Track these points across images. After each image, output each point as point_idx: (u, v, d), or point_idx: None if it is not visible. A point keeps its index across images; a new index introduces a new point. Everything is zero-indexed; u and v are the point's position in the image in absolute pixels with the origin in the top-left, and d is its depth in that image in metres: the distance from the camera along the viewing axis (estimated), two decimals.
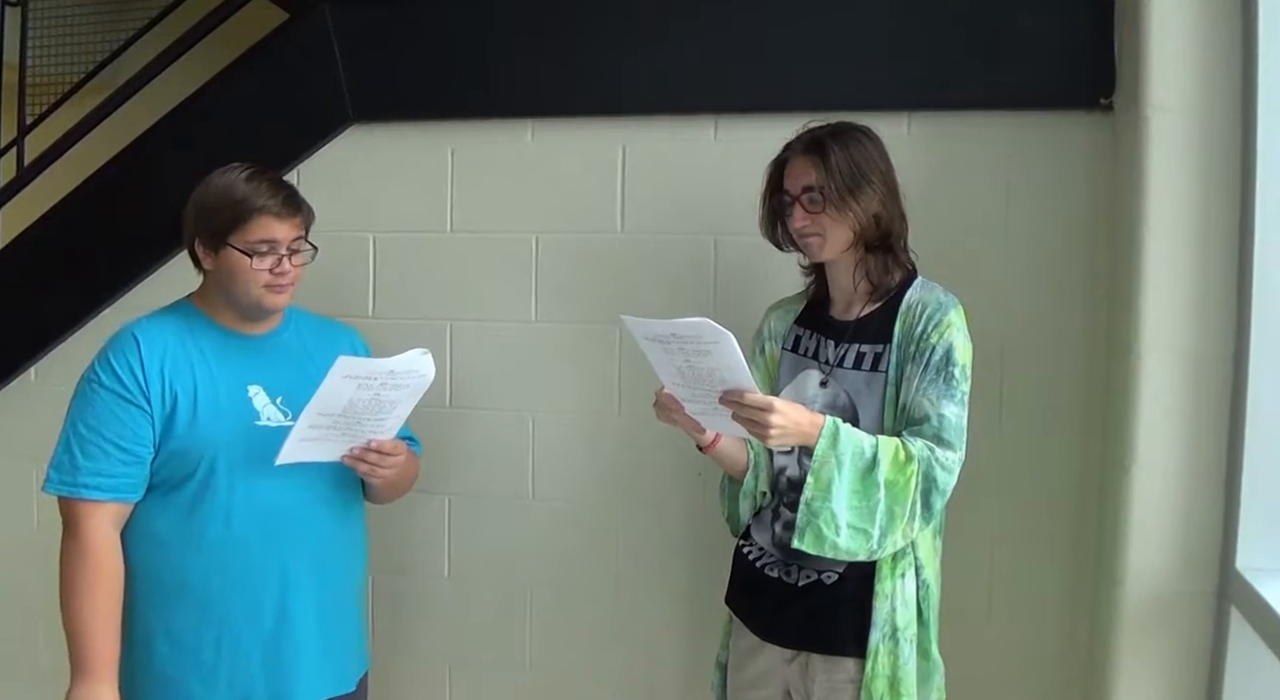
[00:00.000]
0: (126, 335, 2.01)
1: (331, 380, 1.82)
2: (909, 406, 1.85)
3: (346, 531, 2.16)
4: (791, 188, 1.96)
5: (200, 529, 1.97)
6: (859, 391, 1.93)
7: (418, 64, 2.61)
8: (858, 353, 1.95)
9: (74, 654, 1.91)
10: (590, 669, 2.64)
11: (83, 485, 1.92)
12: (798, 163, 1.96)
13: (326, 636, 2.07)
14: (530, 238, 2.60)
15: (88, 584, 1.91)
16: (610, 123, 2.54)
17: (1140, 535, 2.04)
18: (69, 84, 3.34)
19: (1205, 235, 1.99)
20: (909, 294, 1.94)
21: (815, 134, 1.95)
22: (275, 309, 2.07)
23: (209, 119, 2.77)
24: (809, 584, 1.95)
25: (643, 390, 2.52)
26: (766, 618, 2.01)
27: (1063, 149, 2.31)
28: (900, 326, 1.91)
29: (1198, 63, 1.99)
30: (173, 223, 2.71)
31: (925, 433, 1.82)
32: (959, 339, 1.86)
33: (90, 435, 1.93)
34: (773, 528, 2.04)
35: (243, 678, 2.00)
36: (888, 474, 1.79)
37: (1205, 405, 2.00)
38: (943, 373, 1.84)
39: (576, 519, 2.62)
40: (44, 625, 2.93)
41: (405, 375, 1.90)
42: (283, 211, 2.00)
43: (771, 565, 2.02)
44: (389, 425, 1.97)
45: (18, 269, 2.93)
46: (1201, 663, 2.01)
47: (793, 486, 1.98)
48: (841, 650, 1.90)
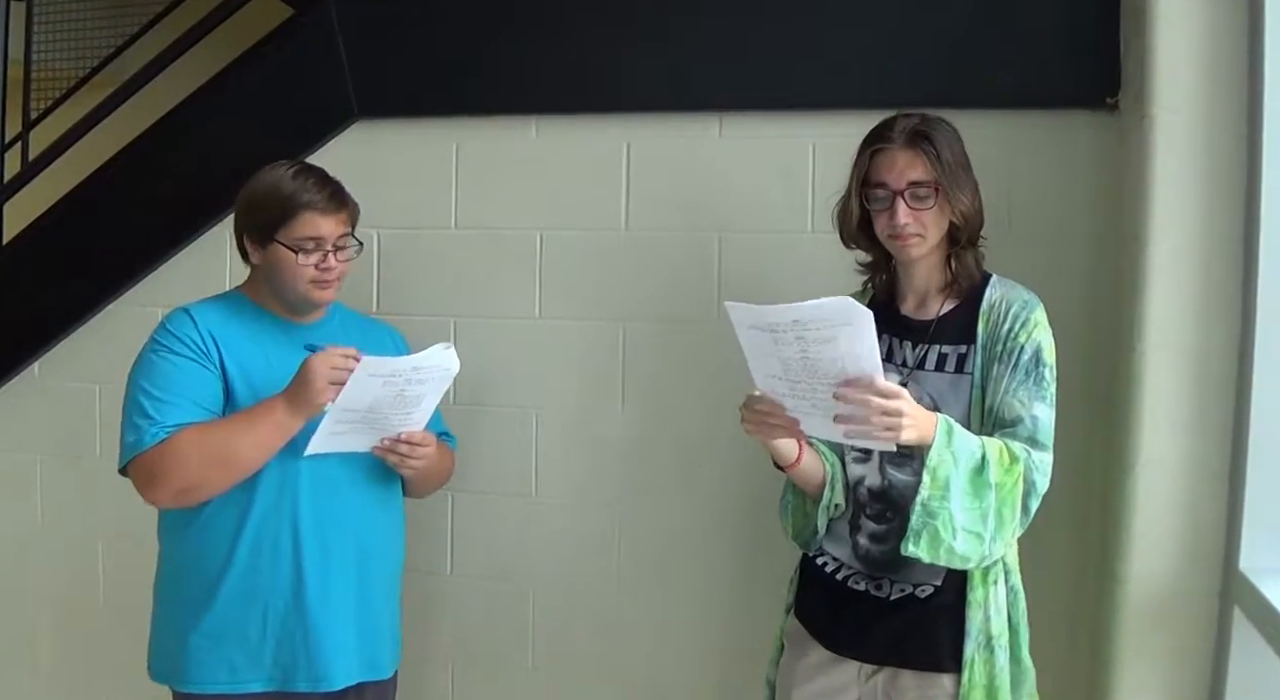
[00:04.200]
0: (180, 312, 2.06)
1: (357, 379, 1.86)
2: (999, 408, 1.79)
3: (388, 517, 2.21)
4: (894, 182, 1.83)
5: (250, 509, 2.00)
6: (942, 394, 1.85)
7: (422, 60, 2.61)
8: (939, 354, 1.88)
9: (259, 414, 1.95)
10: (593, 667, 2.64)
11: (163, 431, 1.92)
12: (899, 156, 1.83)
13: (363, 619, 2.11)
14: (535, 234, 2.60)
15: (195, 445, 1.91)
16: (615, 119, 2.54)
17: (1143, 535, 2.03)
18: (74, 79, 3.35)
19: (1210, 234, 1.99)
20: (989, 292, 1.88)
21: (915, 126, 1.84)
22: (321, 304, 2.12)
23: (213, 115, 2.77)
24: (902, 598, 1.87)
25: (647, 387, 2.55)
26: (849, 632, 1.92)
27: (1068, 148, 2.30)
28: (984, 326, 1.85)
29: (1203, 62, 1.99)
30: (177, 218, 2.75)
31: (1019, 435, 1.77)
32: (1046, 338, 1.82)
33: (164, 393, 1.95)
34: (853, 540, 1.95)
35: (288, 656, 2.03)
36: (997, 475, 1.71)
37: (1209, 404, 2.00)
38: (1033, 373, 1.79)
39: (580, 516, 2.62)
40: (48, 622, 2.96)
41: (429, 370, 1.95)
42: (328, 207, 2.04)
43: (856, 578, 1.93)
44: (416, 418, 2.02)
45: (22, 264, 2.93)
46: (1204, 663, 2.01)
47: (874, 497, 1.92)
48: (938, 665, 1.83)
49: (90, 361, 2.81)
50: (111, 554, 2.87)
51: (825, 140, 2.36)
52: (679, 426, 2.53)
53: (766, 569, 2.31)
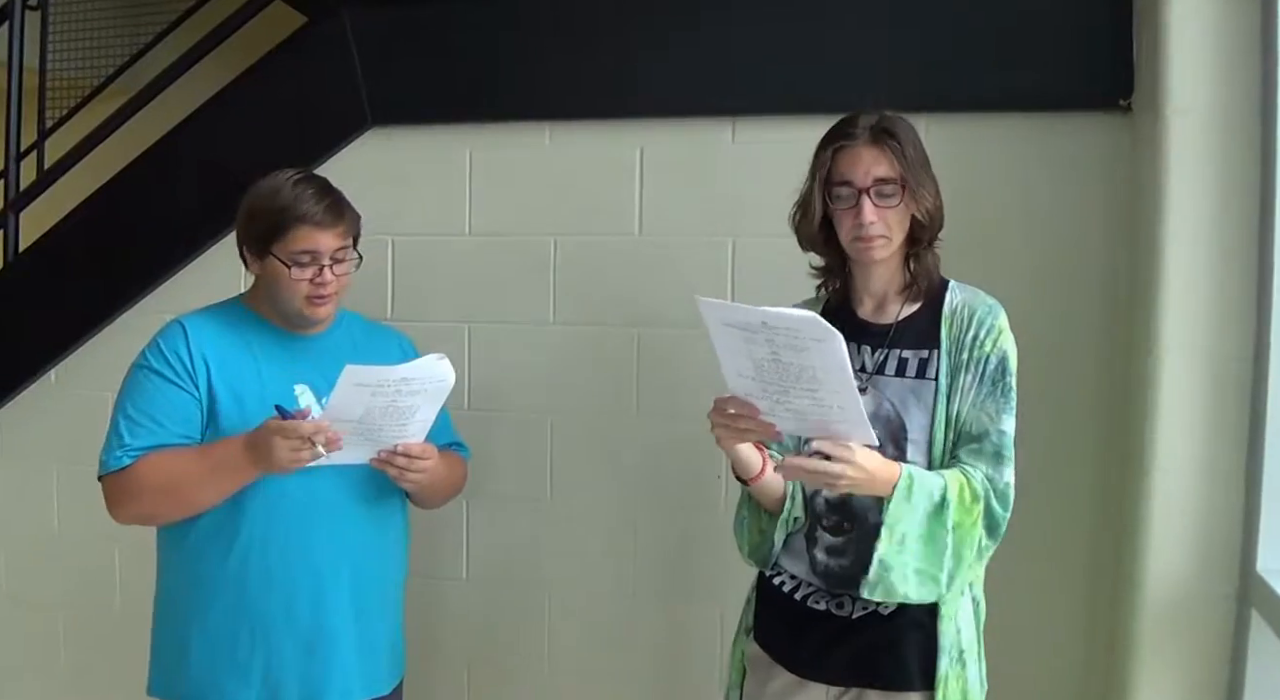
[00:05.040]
0: (175, 325, 2.02)
1: (342, 389, 1.78)
2: (966, 421, 1.76)
3: (384, 533, 2.14)
4: (858, 179, 1.76)
5: (238, 526, 1.96)
6: (904, 400, 1.80)
7: (435, 67, 2.62)
8: (899, 358, 1.82)
9: (220, 462, 1.91)
10: (608, 670, 2.64)
11: (128, 456, 1.92)
12: (864, 153, 1.76)
13: (361, 636, 2.06)
14: (548, 240, 2.60)
15: (153, 477, 1.91)
16: (628, 125, 2.55)
17: (1160, 537, 2.03)
18: (89, 87, 3.37)
19: (1225, 236, 1.98)
20: (950, 296, 1.84)
21: (878, 122, 1.78)
22: (317, 320, 2.05)
23: (227, 123, 2.79)
24: (864, 616, 1.80)
25: (661, 392, 2.55)
26: (812, 654, 1.85)
27: (1081, 151, 2.30)
28: (947, 331, 1.81)
29: (1217, 63, 1.98)
30: (192, 225, 2.76)
31: (985, 450, 1.74)
32: (1011, 347, 1.78)
33: (139, 416, 1.94)
34: (810, 554, 1.88)
35: (276, 675, 1.99)
36: (955, 516, 1.69)
37: (1225, 406, 1.99)
38: (999, 384, 1.76)
39: (595, 521, 2.62)
40: (64, 625, 2.97)
41: (421, 381, 1.85)
42: (324, 220, 1.96)
43: (815, 597, 1.86)
44: (411, 431, 1.92)
45: (38, 272, 2.94)
46: (1222, 665, 2.00)
47: (831, 509, 1.86)
48: (908, 684, 1.78)
49: (107, 369, 2.77)
50: (127, 560, 2.88)
51: None
52: (693, 431, 2.52)
53: None
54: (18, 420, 2.96)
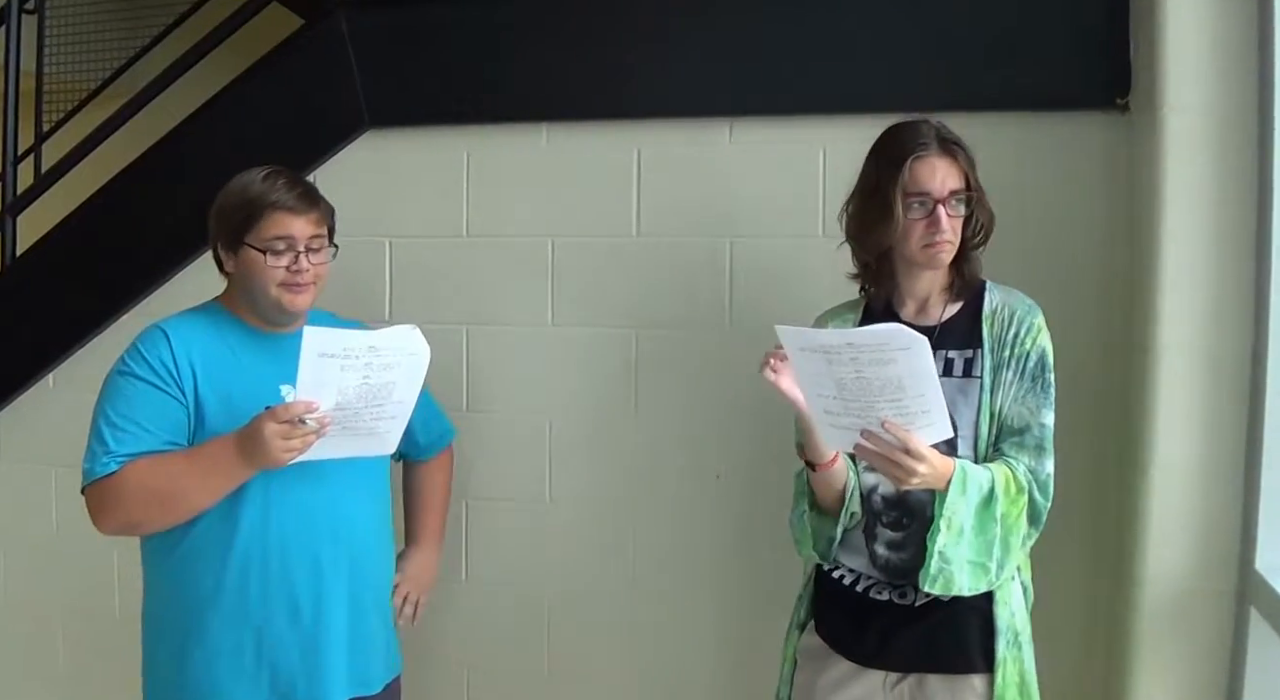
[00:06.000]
0: (155, 331, 1.99)
1: (307, 360, 1.72)
2: (1008, 416, 1.84)
3: (380, 530, 2.15)
4: (936, 190, 1.80)
5: (235, 530, 1.93)
6: (952, 398, 1.80)
7: (433, 69, 2.62)
8: (945, 358, 1.86)
9: (212, 461, 1.87)
10: (608, 673, 2.64)
11: (114, 462, 1.88)
12: (938, 164, 1.81)
13: (354, 635, 2.05)
14: (546, 241, 2.60)
15: (141, 482, 1.86)
16: (625, 126, 2.54)
17: (1159, 535, 2.03)
18: (86, 90, 3.36)
19: (1222, 233, 1.99)
20: (989, 296, 1.91)
21: (940, 130, 1.83)
22: (294, 310, 2.00)
23: (224, 125, 2.78)
24: (927, 603, 1.86)
25: (660, 392, 2.55)
26: (877, 642, 1.90)
27: (1078, 149, 2.31)
28: (989, 330, 1.87)
29: (1214, 62, 1.99)
30: (189, 228, 2.75)
31: (1027, 443, 1.82)
32: (1048, 344, 1.86)
33: (123, 422, 1.89)
34: (870, 549, 1.93)
35: (285, 677, 1.98)
36: (1003, 507, 1.77)
37: (1224, 404, 2.00)
38: (1039, 380, 1.84)
39: (594, 522, 2.62)
40: (62, 627, 2.97)
41: (392, 352, 1.79)
42: (297, 206, 1.96)
43: (878, 588, 1.92)
44: (390, 411, 1.86)
45: (36, 275, 2.94)
46: (1221, 663, 2.01)
47: (890, 505, 1.91)
48: (970, 667, 1.84)
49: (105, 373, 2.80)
50: (126, 563, 2.85)
51: (836, 144, 2.36)
52: (692, 432, 2.53)
53: (782, 574, 2.30)
54: (16, 424, 2.95)
